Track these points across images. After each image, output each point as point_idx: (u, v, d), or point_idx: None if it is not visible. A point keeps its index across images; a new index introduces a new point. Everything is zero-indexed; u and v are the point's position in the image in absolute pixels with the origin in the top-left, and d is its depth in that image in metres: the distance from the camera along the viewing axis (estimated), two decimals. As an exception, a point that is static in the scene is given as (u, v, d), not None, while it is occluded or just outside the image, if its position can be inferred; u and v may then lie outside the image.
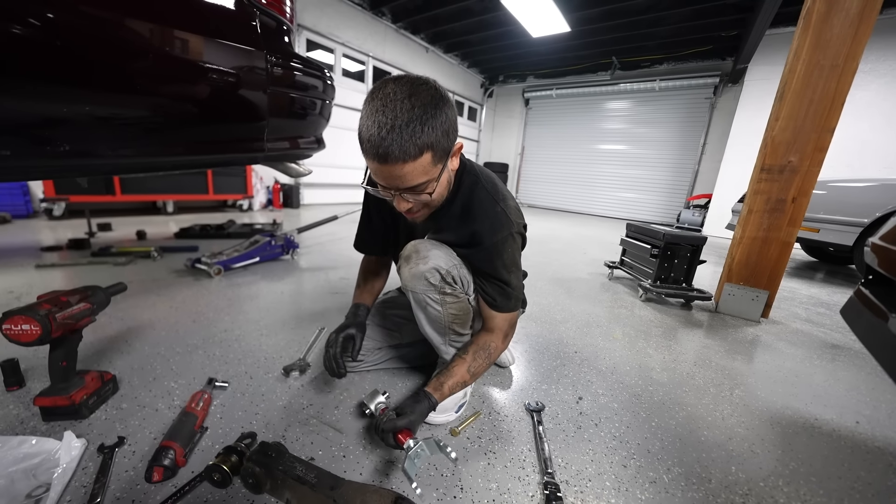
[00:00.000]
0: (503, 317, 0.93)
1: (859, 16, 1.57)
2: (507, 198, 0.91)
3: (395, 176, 0.70)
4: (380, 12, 6.00)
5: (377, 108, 0.66)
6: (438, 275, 0.86)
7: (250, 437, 0.81)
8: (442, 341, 0.98)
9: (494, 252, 0.87)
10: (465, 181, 0.89)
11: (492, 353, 0.93)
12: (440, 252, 0.88)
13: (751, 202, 1.91)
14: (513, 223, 0.88)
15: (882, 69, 4.69)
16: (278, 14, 1.40)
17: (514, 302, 0.93)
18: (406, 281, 0.89)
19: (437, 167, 0.73)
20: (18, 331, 0.76)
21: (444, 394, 0.84)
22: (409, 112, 0.65)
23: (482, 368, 0.92)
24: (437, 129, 0.68)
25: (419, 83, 0.69)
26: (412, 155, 0.67)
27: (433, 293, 0.88)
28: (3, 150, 0.85)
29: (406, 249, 0.91)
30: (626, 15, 5.33)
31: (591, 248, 3.96)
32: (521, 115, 9.21)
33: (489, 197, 0.87)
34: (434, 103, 0.68)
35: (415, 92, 0.67)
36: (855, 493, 0.83)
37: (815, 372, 1.44)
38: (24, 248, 2.41)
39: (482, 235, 0.86)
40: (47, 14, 0.84)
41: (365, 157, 0.71)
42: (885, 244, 0.83)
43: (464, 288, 0.92)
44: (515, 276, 0.91)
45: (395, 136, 0.65)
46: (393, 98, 0.66)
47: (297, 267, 2.35)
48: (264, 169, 5.04)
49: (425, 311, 0.92)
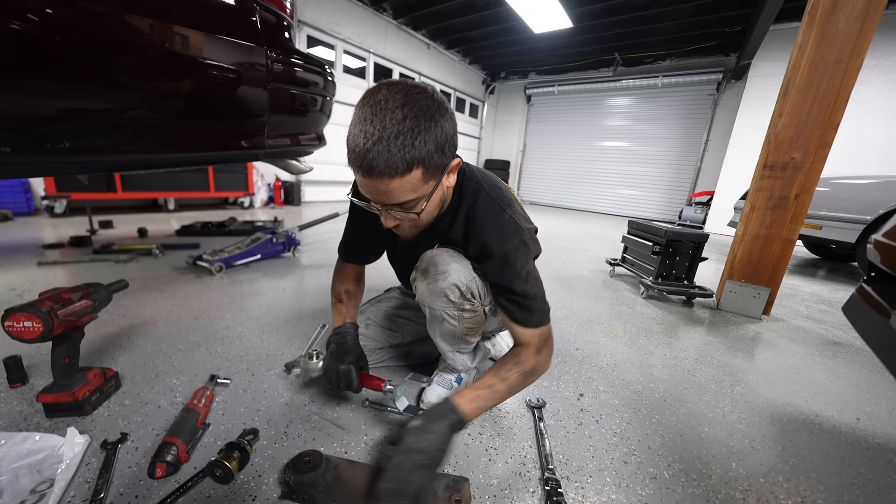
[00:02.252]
0: (531, 332, 0.82)
1: (865, 10, 1.56)
2: (514, 202, 0.85)
3: (381, 191, 0.65)
4: (381, 8, 5.97)
5: (365, 116, 0.61)
6: (458, 291, 0.83)
7: (252, 434, 0.81)
8: (451, 349, 0.97)
9: (507, 263, 0.79)
10: (468, 189, 0.83)
11: (522, 363, 0.81)
12: (458, 265, 0.83)
13: (753, 199, 1.90)
14: (523, 229, 0.81)
15: (887, 65, 4.64)
16: (278, 10, 1.39)
17: (538, 315, 0.82)
18: (423, 296, 0.86)
19: (428, 184, 0.67)
20: (21, 328, 0.76)
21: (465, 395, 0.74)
22: (400, 123, 0.59)
23: (515, 377, 0.80)
24: (429, 143, 0.62)
25: (415, 91, 0.63)
26: (400, 171, 0.61)
27: (452, 310, 0.86)
28: (3, 147, 0.84)
29: (422, 261, 0.86)
30: (629, 10, 5.29)
31: (592, 245, 3.95)
32: (523, 112, 9.17)
33: (495, 205, 0.81)
34: (429, 115, 0.62)
35: (409, 101, 0.61)
36: (855, 489, 0.83)
37: (817, 369, 1.44)
38: (25, 245, 2.42)
39: (492, 246, 0.80)
40: (46, 9, 0.83)
41: (350, 167, 0.65)
42: (888, 241, 0.82)
43: (481, 301, 0.88)
44: (533, 286, 0.81)
45: (382, 149, 0.59)
46: (384, 106, 0.60)
47: (298, 264, 2.35)
48: (265, 166, 5.03)
49: (441, 325, 0.90)
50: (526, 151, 9.38)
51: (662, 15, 5.38)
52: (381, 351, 1.15)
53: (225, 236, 2.98)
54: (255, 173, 4.94)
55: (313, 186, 5.92)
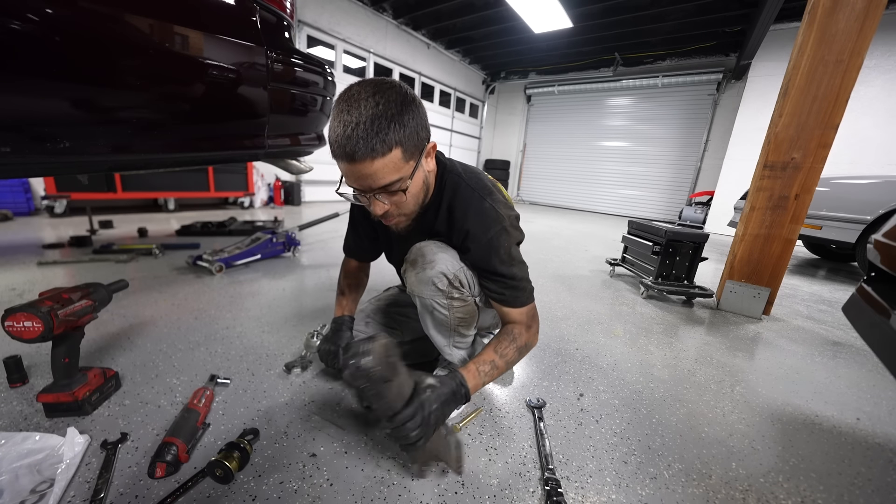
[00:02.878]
0: (519, 311, 0.89)
1: (865, 10, 1.56)
2: (494, 191, 0.89)
3: (366, 175, 0.69)
4: (381, 8, 5.97)
5: (342, 109, 0.66)
6: (446, 279, 0.85)
7: (252, 434, 0.81)
8: (446, 343, 0.97)
9: (491, 249, 0.84)
10: (448, 181, 0.87)
11: (516, 338, 0.87)
12: (446, 255, 0.86)
13: (753, 199, 1.90)
14: (503, 216, 0.85)
15: (887, 65, 4.64)
16: (279, 10, 1.39)
17: (524, 294, 0.89)
18: (412, 286, 0.88)
19: (409, 164, 0.72)
20: (21, 328, 0.76)
21: (470, 369, 0.81)
22: (374, 108, 0.65)
23: (511, 352, 0.87)
24: (405, 125, 0.67)
25: (383, 83, 0.69)
26: (380, 151, 0.66)
27: (441, 298, 0.87)
28: (3, 147, 0.84)
29: (411, 253, 0.89)
30: (629, 10, 5.29)
31: (592, 245, 3.95)
32: (523, 112, 9.17)
33: (475, 194, 0.86)
34: (400, 101, 0.67)
35: (379, 90, 0.67)
36: (855, 489, 0.83)
37: (816, 369, 1.44)
38: (25, 245, 2.42)
39: (475, 234, 0.84)
40: (46, 9, 0.83)
41: (335, 159, 0.70)
42: (888, 241, 0.82)
43: (470, 290, 0.91)
44: (518, 269, 0.88)
45: (361, 133, 0.64)
46: (357, 97, 0.66)
47: (298, 264, 2.35)
48: (265, 166, 5.03)
49: (432, 315, 0.91)
50: (526, 151, 9.38)
51: (662, 15, 5.38)
52: (381, 348, 1.16)
53: (225, 236, 2.98)
54: (255, 173, 4.94)
55: (313, 186, 5.92)
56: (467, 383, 0.78)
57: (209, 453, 0.76)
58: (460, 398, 0.76)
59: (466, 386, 0.77)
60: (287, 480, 0.73)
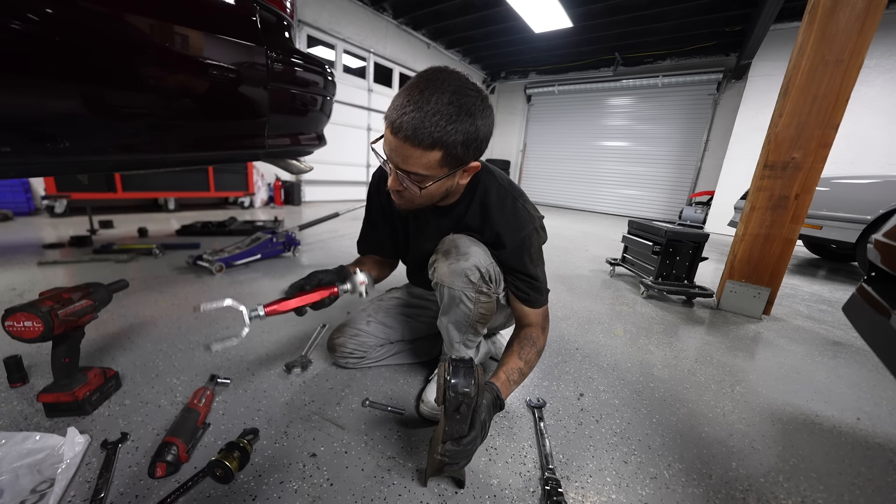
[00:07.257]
0: (536, 312, 0.93)
1: (865, 10, 1.55)
2: (524, 194, 0.94)
3: (398, 151, 0.69)
4: (381, 8, 5.97)
5: (420, 87, 0.66)
6: (479, 273, 0.86)
7: (252, 434, 0.81)
8: (459, 339, 0.97)
9: (524, 248, 0.88)
10: (483, 181, 0.90)
11: (536, 342, 0.91)
12: (479, 249, 0.88)
13: (753, 199, 1.90)
14: (535, 218, 0.90)
15: (887, 65, 4.64)
16: (278, 9, 1.39)
17: (543, 296, 0.94)
18: (442, 276, 0.87)
19: (442, 170, 0.72)
20: (21, 327, 0.76)
21: (501, 378, 0.82)
22: (445, 106, 0.65)
23: (533, 357, 0.89)
24: (459, 133, 0.67)
25: (469, 88, 0.68)
26: (423, 144, 0.66)
27: (470, 291, 0.88)
28: (3, 147, 0.84)
29: (443, 244, 0.90)
30: (629, 10, 5.29)
31: (592, 244, 3.95)
32: (523, 112, 9.17)
33: (510, 195, 0.89)
34: (471, 111, 0.67)
35: (460, 90, 0.66)
36: (855, 488, 0.83)
37: (817, 369, 1.44)
38: (26, 245, 2.42)
39: (509, 233, 0.87)
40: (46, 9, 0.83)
41: (384, 120, 0.70)
42: (889, 241, 0.82)
43: (497, 287, 0.92)
44: (541, 270, 0.93)
45: (417, 117, 0.64)
46: (438, 85, 0.66)
47: (298, 264, 2.35)
48: (265, 166, 5.03)
49: (457, 307, 0.90)
50: (526, 151, 9.38)
51: (662, 15, 5.38)
52: (381, 348, 1.16)
53: (225, 236, 2.98)
54: (255, 173, 4.94)
55: (313, 186, 5.92)
56: (502, 394, 0.78)
57: (209, 453, 0.76)
58: (497, 410, 0.77)
59: (502, 398, 0.78)
60: (287, 480, 0.73)
